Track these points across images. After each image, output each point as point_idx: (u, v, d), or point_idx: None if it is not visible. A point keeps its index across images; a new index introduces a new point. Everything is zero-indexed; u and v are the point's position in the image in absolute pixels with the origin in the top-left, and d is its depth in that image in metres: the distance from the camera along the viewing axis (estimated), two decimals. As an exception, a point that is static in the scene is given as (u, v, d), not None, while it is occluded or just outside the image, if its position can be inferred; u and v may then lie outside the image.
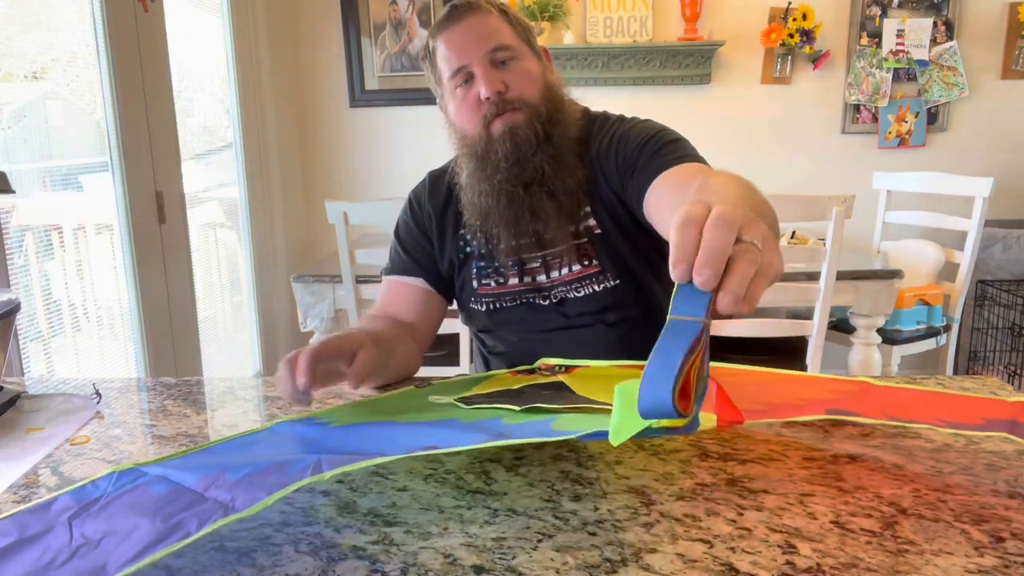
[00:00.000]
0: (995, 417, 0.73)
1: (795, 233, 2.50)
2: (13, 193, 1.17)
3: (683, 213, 0.53)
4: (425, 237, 1.16)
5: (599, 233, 1.07)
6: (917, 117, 3.03)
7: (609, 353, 0.98)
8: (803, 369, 1.99)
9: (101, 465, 0.77)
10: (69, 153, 1.94)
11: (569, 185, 1.05)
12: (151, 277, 2.08)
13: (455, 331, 2.07)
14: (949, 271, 2.66)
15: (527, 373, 0.95)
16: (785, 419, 0.78)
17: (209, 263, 2.56)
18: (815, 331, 1.94)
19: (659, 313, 0.56)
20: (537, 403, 0.77)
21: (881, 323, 2.21)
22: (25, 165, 1.77)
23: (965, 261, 2.57)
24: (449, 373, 1.53)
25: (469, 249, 1.13)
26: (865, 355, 2.24)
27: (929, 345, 2.55)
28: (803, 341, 2.02)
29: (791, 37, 2.97)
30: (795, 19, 2.96)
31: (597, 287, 1.07)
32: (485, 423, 0.73)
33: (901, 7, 2.97)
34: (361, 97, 3.20)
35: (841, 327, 2.46)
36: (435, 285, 1.14)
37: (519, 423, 0.71)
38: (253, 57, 2.81)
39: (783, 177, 3.08)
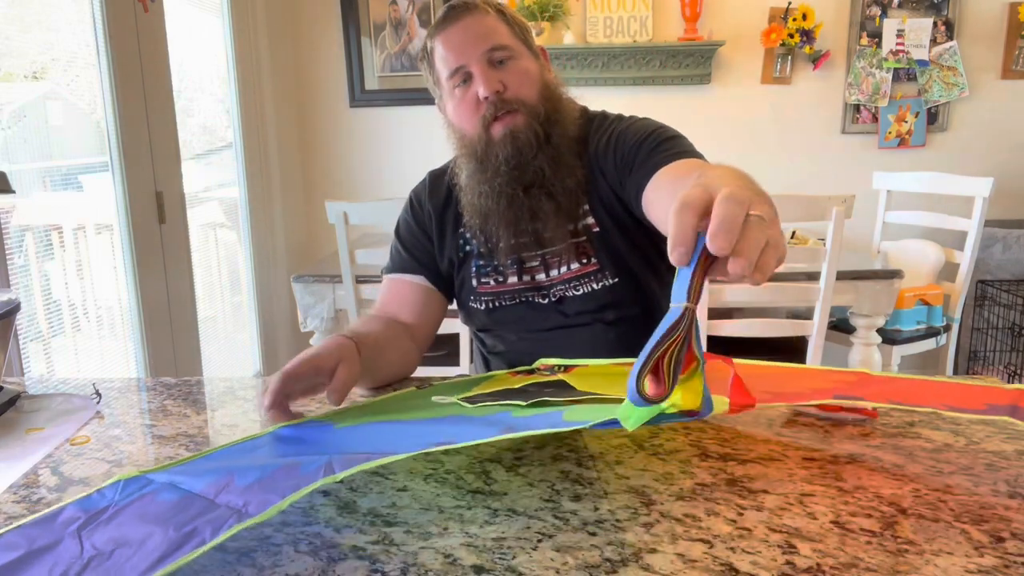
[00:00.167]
0: (996, 403, 0.73)
1: (795, 233, 2.49)
2: (13, 193, 1.17)
3: (682, 198, 0.53)
4: (425, 235, 1.16)
5: (597, 231, 1.07)
6: (917, 117, 3.03)
7: (608, 352, 0.98)
8: (803, 369, 1.99)
9: (101, 465, 0.77)
10: (69, 153, 1.94)
11: (568, 185, 1.05)
12: (151, 277, 2.08)
13: (455, 331, 2.07)
14: (949, 271, 2.66)
15: (527, 373, 0.95)
16: (795, 404, 0.79)
17: (209, 263, 2.56)
18: (815, 331, 1.94)
19: (658, 312, 0.56)
20: (541, 399, 0.77)
21: (881, 323, 2.21)
22: (25, 165, 1.77)
23: (965, 261, 2.57)
24: (449, 373, 1.53)
25: (469, 248, 1.13)
26: (865, 355, 2.24)
27: (929, 345, 2.55)
28: (803, 341, 2.02)
29: (791, 37, 2.97)
30: (795, 19, 2.96)
31: (596, 285, 1.07)
32: (494, 417, 0.73)
33: (901, 7, 2.97)
34: (361, 97, 3.20)
35: (841, 327, 2.46)
36: (436, 283, 1.14)
37: (529, 416, 0.71)
38: (253, 57, 2.81)
39: (783, 177, 3.08)
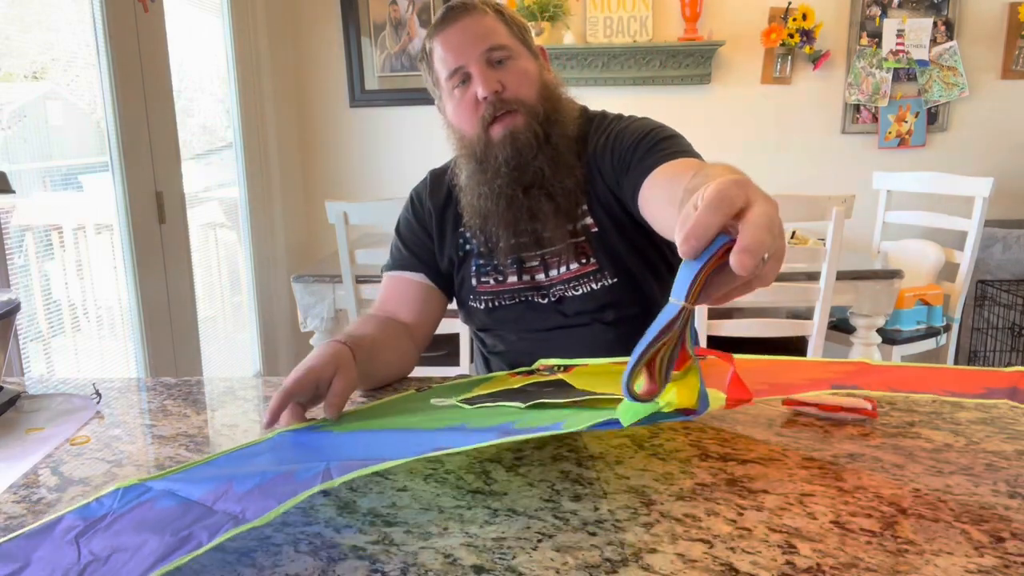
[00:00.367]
0: (995, 386, 0.73)
1: (795, 233, 2.50)
2: (13, 193, 1.17)
3: (721, 190, 0.50)
4: (426, 233, 1.16)
5: (596, 231, 1.07)
6: (917, 117, 3.03)
7: (607, 352, 0.98)
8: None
9: (101, 465, 0.77)
10: (69, 153, 1.94)
11: (568, 185, 1.05)
12: (151, 277, 2.09)
13: (455, 331, 2.07)
14: (949, 271, 2.66)
15: (527, 374, 0.95)
16: (791, 395, 0.79)
17: (209, 263, 2.56)
18: (815, 331, 1.94)
19: (657, 312, 0.56)
20: (540, 399, 0.77)
21: (881, 323, 2.21)
22: (25, 165, 1.77)
23: (965, 261, 2.57)
24: (449, 373, 1.52)
25: (469, 247, 1.13)
26: (865, 355, 2.24)
27: (929, 345, 2.55)
28: (803, 341, 2.02)
29: (791, 37, 2.97)
30: (795, 19, 2.96)
31: (595, 285, 1.07)
32: (495, 427, 0.72)
33: (901, 7, 2.97)
34: (361, 97, 3.20)
35: (841, 327, 2.46)
36: (436, 281, 1.14)
37: (530, 426, 0.71)
38: (253, 57, 2.81)
39: (783, 177, 3.08)
